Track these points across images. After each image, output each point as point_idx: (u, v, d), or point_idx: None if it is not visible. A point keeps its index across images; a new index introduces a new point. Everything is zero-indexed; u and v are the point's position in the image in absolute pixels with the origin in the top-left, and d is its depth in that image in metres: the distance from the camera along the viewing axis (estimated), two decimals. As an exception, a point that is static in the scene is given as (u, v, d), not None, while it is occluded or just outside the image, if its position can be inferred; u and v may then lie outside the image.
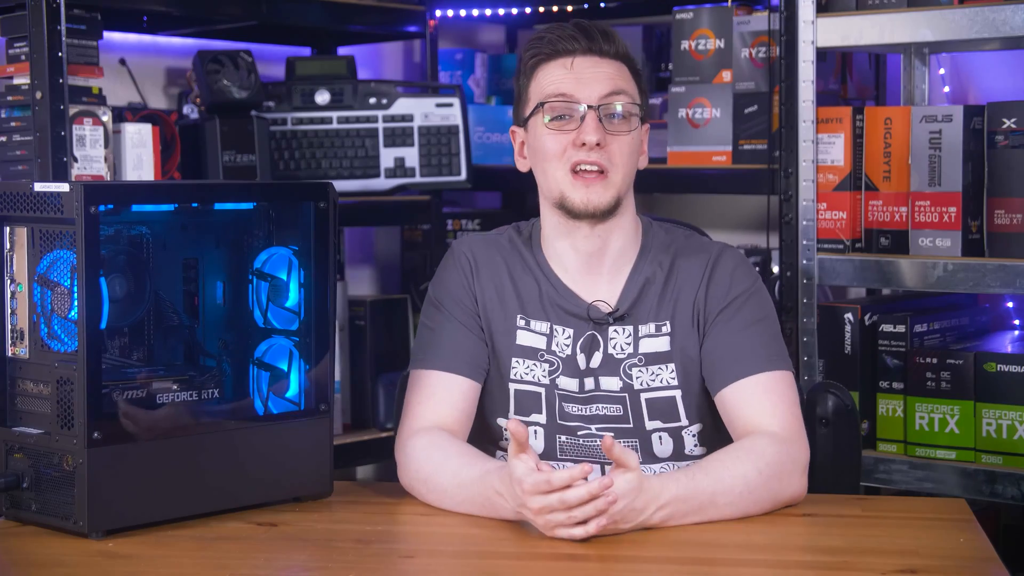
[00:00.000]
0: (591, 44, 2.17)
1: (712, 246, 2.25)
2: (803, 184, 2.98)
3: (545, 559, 1.88)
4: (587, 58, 2.17)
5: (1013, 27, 2.73)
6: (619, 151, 2.15)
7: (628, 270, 2.22)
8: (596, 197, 2.14)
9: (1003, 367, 2.82)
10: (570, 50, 2.17)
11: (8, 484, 2.01)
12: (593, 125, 2.13)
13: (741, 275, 2.21)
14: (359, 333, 3.29)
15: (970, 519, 2.03)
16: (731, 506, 2.01)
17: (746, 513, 2.03)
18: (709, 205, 3.66)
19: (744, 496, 2.02)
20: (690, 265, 2.22)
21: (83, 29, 2.72)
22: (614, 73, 2.17)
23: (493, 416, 2.24)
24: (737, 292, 2.19)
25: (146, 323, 2.13)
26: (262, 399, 2.18)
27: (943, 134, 2.86)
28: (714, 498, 2.00)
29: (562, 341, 2.21)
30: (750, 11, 3.23)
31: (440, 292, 2.26)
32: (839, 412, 2.33)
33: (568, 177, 2.15)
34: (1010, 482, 2.78)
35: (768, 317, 2.20)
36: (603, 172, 2.14)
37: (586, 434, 2.19)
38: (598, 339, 2.21)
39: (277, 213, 2.20)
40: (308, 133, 3.17)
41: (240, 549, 1.93)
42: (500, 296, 2.24)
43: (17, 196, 2.01)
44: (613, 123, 2.15)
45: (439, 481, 2.08)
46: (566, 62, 2.18)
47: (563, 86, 2.16)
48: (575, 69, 2.17)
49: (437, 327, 2.24)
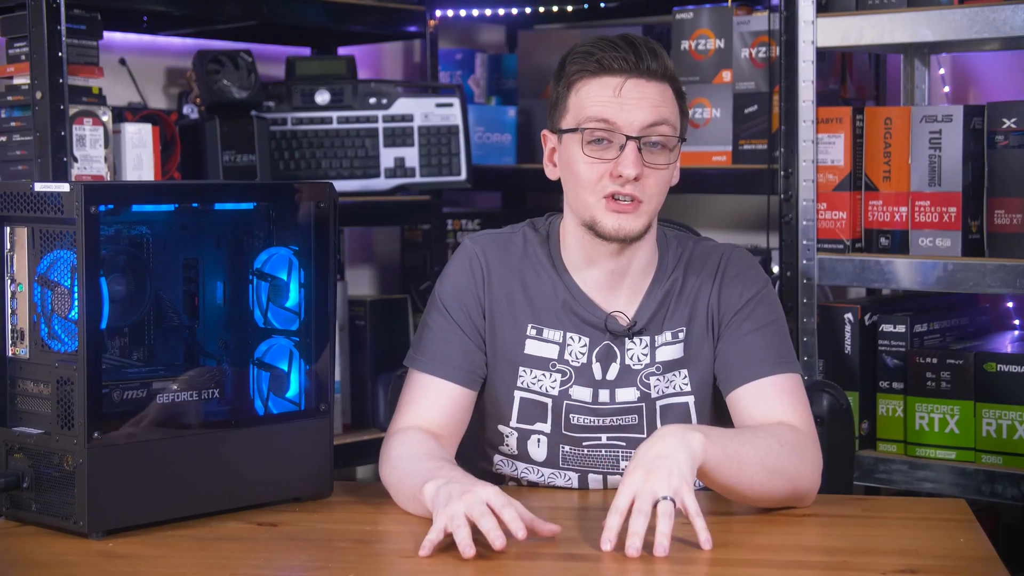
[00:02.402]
0: (639, 63, 2.08)
1: (720, 250, 2.24)
2: (803, 184, 2.98)
3: (545, 559, 1.88)
4: (633, 80, 2.08)
5: (1013, 27, 2.73)
6: (655, 183, 2.10)
7: (647, 285, 2.20)
8: (628, 225, 2.09)
9: (1003, 367, 2.82)
10: (617, 69, 2.09)
11: (8, 484, 2.01)
12: (632, 158, 2.06)
13: (752, 277, 2.21)
14: (359, 333, 3.28)
15: (970, 519, 2.03)
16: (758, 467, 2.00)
17: (769, 488, 2.02)
18: (709, 205, 3.66)
19: (765, 461, 2.00)
20: (702, 270, 2.21)
21: (83, 29, 2.72)
22: (657, 100, 2.09)
23: (495, 422, 2.23)
24: (750, 295, 2.19)
25: (146, 323, 2.12)
26: (262, 399, 2.18)
27: (943, 134, 2.86)
28: (739, 454, 1.98)
29: (577, 350, 2.19)
30: (750, 11, 3.23)
31: (445, 293, 2.22)
32: (834, 411, 2.33)
33: (601, 203, 2.10)
34: (1010, 482, 2.78)
35: (779, 319, 2.21)
36: (637, 201, 2.10)
37: (592, 444, 2.19)
38: (614, 351, 2.19)
39: (277, 213, 2.20)
40: (308, 133, 3.17)
41: (240, 549, 1.93)
42: (511, 304, 2.20)
43: (17, 196, 2.01)
44: (652, 153, 2.09)
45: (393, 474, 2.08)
46: (611, 83, 2.09)
47: (605, 111, 2.08)
48: (620, 93, 2.08)
49: (437, 329, 2.21)
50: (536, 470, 2.23)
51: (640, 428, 2.18)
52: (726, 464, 1.97)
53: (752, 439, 2.03)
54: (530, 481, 2.24)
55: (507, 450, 2.23)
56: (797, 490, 2.06)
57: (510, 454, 2.23)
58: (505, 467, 2.25)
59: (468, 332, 2.20)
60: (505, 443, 2.23)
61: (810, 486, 2.08)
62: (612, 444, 2.19)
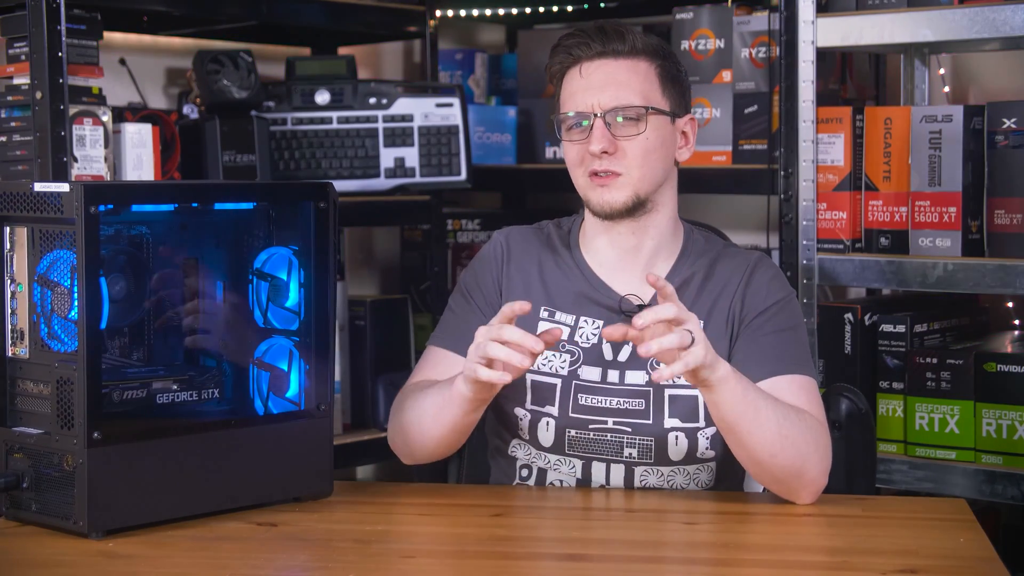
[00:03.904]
0: (604, 46, 2.20)
1: (750, 255, 2.30)
2: (803, 184, 2.98)
3: (545, 559, 1.88)
4: (599, 62, 2.21)
5: (1013, 27, 2.73)
6: (632, 153, 2.19)
7: (667, 270, 2.26)
8: (611, 197, 2.19)
9: (1003, 367, 2.82)
10: (585, 56, 2.21)
11: (8, 484, 2.01)
12: (599, 134, 2.17)
13: (778, 286, 2.26)
14: (359, 333, 3.28)
15: (970, 519, 2.03)
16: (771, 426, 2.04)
17: (772, 452, 2.05)
18: (709, 205, 3.66)
19: (779, 426, 2.05)
20: (728, 271, 2.26)
21: (83, 29, 2.72)
22: (623, 76, 2.20)
23: (510, 405, 2.26)
24: (773, 300, 2.23)
25: (146, 323, 2.13)
26: (262, 399, 2.18)
27: (943, 134, 2.86)
28: (757, 404, 2.04)
29: (589, 332, 2.24)
30: (750, 11, 3.23)
31: (468, 279, 2.34)
32: (852, 415, 2.34)
33: (588, 182, 2.21)
34: (1010, 482, 2.78)
35: (800, 327, 2.25)
36: (615, 174, 2.19)
37: (598, 427, 2.20)
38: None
39: (277, 213, 2.20)
40: (308, 133, 3.17)
41: (240, 549, 1.93)
42: (526, 286, 2.29)
43: (17, 196, 2.01)
44: (622, 126, 2.18)
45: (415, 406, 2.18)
46: (578, 69, 2.22)
47: (576, 96, 2.21)
48: (586, 76, 2.21)
49: (458, 310, 2.31)
50: (543, 456, 2.25)
51: (647, 414, 2.20)
52: (743, 403, 2.03)
53: (776, 403, 2.08)
54: (540, 468, 2.26)
55: (522, 434, 2.25)
56: (803, 472, 2.07)
57: (524, 438, 2.26)
58: (519, 451, 2.28)
59: (484, 311, 2.28)
60: (520, 426, 2.26)
61: (817, 474, 2.09)
62: (618, 429, 2.20)
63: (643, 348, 1.93)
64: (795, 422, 2.07)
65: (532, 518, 2.13)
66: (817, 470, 2.09)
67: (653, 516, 2.08)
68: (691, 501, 2.13)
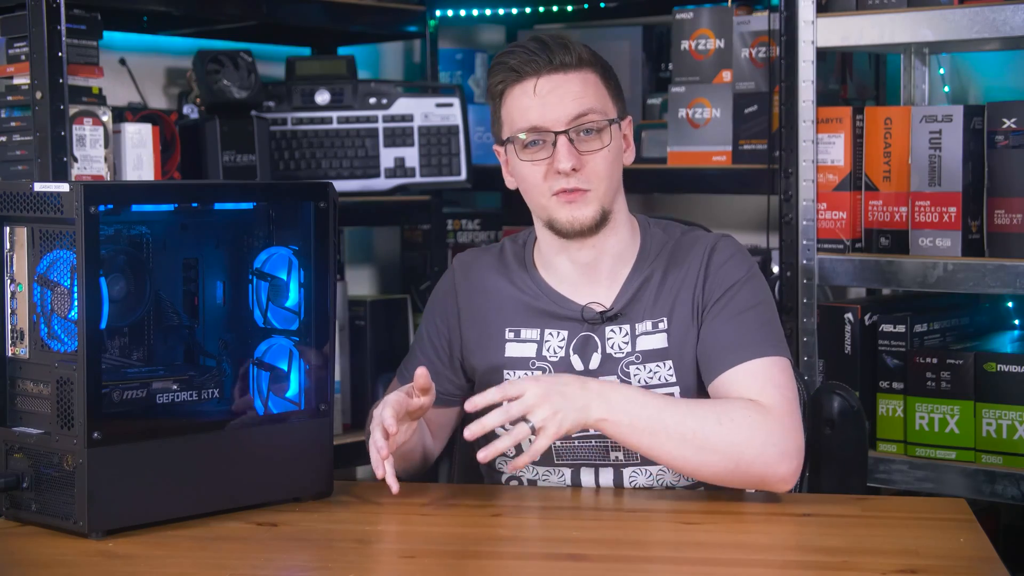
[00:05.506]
0: (552, 60, 2.15)
1: (707, 238, 2.25)
2: (803, 184, 2.98)
3: (545, 559, 1.88)
4: (550, 77, 2.15)
5: (1013, 27, 2.73)
6: (595, 169, 2.15)
7: (627, 273, 2.23)
8: (580, 213, 2.16)
9: (1003, 367, 2.82)
10: (531, 71, 2.15)
11: (8, 484, 2.01)
12: (565, 152, 2.13)
13: (735, 264, 2.21)
14: (359, 333, 3.28)
15: (970, 519, 2.03)
16: (680, 442, 2.03)
17: (698, 464, 2.04)
18: (709, 205, 3.66)
19: (696, 436, 2.03)
20: (688, 260, 2.22)
21: (83, 29, 2.72)
22: (579, 90, 2.15)
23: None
24: (731, 281, 2.19)
25: (146, 323, 2.13)
26: (262, 399, 2.18)
27: (943, 134, 2.86)
28: (663, 420, 2.03)
29: (555, 345, 2.22)
30: (750, 11, 3.23)
31: (425, 316, 2.36)
32: (844, 413, 2.33)
33: (552, 201, 2.17)
34: (1010, 482, 2.78)
35: (762, 303, 2.20)
36: (582, 191, 2.15)
37: (582, 435, 2.19)
38: (594, 340, 2.21)
39: (277, 213, 2.20)
40: (308, 133, 3.16)
41: (240, 549, 1.93)
42: (484, 312, 2.27)
43: (17, 196, 2.01)
44: (585, 140, 2.15)
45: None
46: (529, 86, 2.16)
47: (530, 114, 2.15)
48: (539, 94, 2.15)
49: (416, 346, 2.36)
50: (531, 469, 2.24)
51: None
52: (634, 433, 2.03)
53: (688, 412, 2.05)
54: (528, 480, 2.25)
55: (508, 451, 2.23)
56: (739, 468, 2.04)
57: (510, 455, 2.24)
58: (507, 466, 2.27)
59: (439, 353, 2.30)
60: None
61: (763, 466, 2.04)
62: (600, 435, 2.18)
63: (467, 433, 2.02)
64: (715, 428, 2.03)
65: (532, 518, 2.13)
66: (768, 465, 2.04)
67: (654, 516, 2.08)
68: (691, 501, 2.13)
